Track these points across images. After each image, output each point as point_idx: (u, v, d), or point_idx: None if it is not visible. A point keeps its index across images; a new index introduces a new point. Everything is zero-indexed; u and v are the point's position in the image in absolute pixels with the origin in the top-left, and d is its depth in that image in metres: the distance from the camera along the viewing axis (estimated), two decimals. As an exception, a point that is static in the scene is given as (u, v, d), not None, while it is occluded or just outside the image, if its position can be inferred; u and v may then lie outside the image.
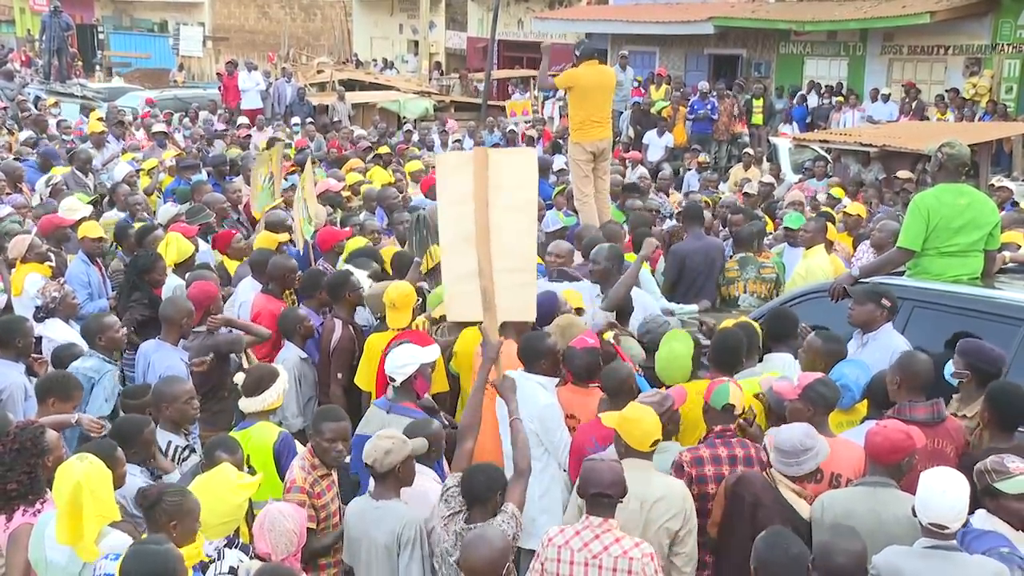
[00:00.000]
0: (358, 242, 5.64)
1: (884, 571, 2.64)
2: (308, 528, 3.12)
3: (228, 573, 2.72)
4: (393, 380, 3.66)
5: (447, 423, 3.93)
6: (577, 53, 6.86)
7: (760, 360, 3.99)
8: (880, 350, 3.68)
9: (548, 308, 4.25)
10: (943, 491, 2.62)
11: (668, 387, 3.71)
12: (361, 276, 4.81)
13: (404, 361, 3.66)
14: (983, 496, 2.77)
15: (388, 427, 3.54)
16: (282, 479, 3.42)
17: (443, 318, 4.46)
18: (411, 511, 3.10)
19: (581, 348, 3.71)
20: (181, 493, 2.71)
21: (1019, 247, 5.53)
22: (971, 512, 2.79)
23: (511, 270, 3.29)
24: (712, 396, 3.30)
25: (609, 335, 4.00)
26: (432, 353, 3.81)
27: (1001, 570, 2.58)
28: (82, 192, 7.17)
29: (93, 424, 3.48)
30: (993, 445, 3.16)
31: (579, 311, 4.38)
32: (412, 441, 3.13)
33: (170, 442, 3.58)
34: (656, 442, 3.13)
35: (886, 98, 14.06)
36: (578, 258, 5.46)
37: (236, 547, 2.83)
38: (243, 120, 12.22)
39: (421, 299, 4.62)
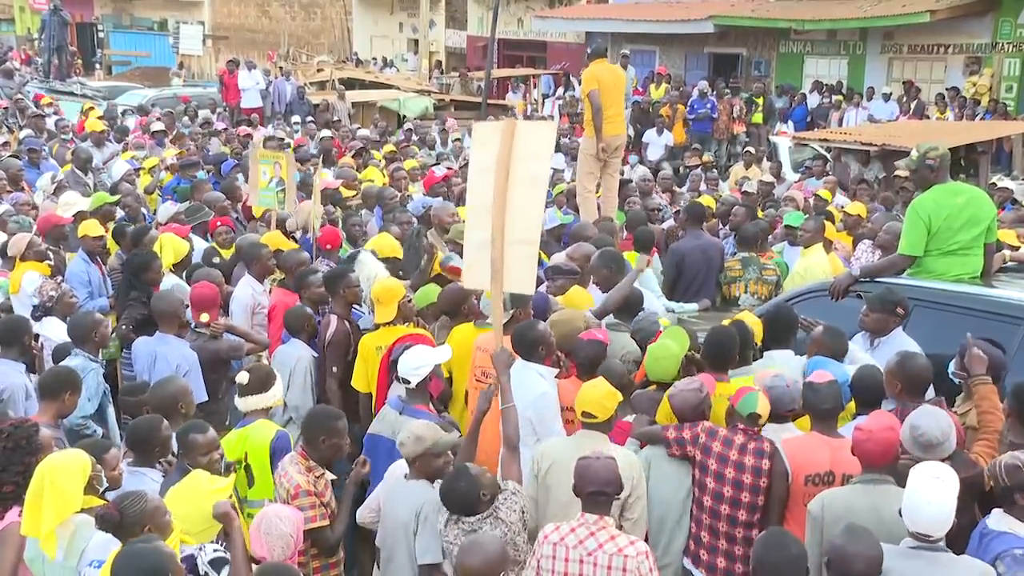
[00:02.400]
0: (385, 240, 5.62)
1: None
2: (321, 526, 3.14)
3: (210, 564, 2.74)
4: (408, 383, 3.64)
5: (452, 425, 3.91)
6: (589, 50, 6.95)
7: (760, 357, 3.99)
8: (892, 353, 3.62)
9: (542, 307, 4.26)
10: (928, 502, 2.58)
11: (654, 383, 3.72)
12: (379, 268, 4.78)
13: (418, 363, 3.64)
14: (1017, 491, 2.70)
15: (401, 428, 3.53)
16: (274, 477, 3.42)
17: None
18: (433, 492, 3.12)
19: (587, 340, 3.71)
20: (137, 498, 2.71)
21: (1017, 247, 5.54)
22: (986, 513, 2.78)
23: (519, 242, 3.28)
24: (740, 403, 3.27)
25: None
26: (444, 353, 3.79)
27: (987, 571, 2.57)
28: (80, 191, 7.16)
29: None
30: (1016, 439, 3.13)
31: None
32: (444, 436, 3.17)
33: None
34: (612, 417, 3.26)
35: (887, 97, 14.06)
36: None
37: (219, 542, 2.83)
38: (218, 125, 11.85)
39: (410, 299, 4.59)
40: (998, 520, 2.75)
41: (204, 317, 4.43)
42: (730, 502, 3.22)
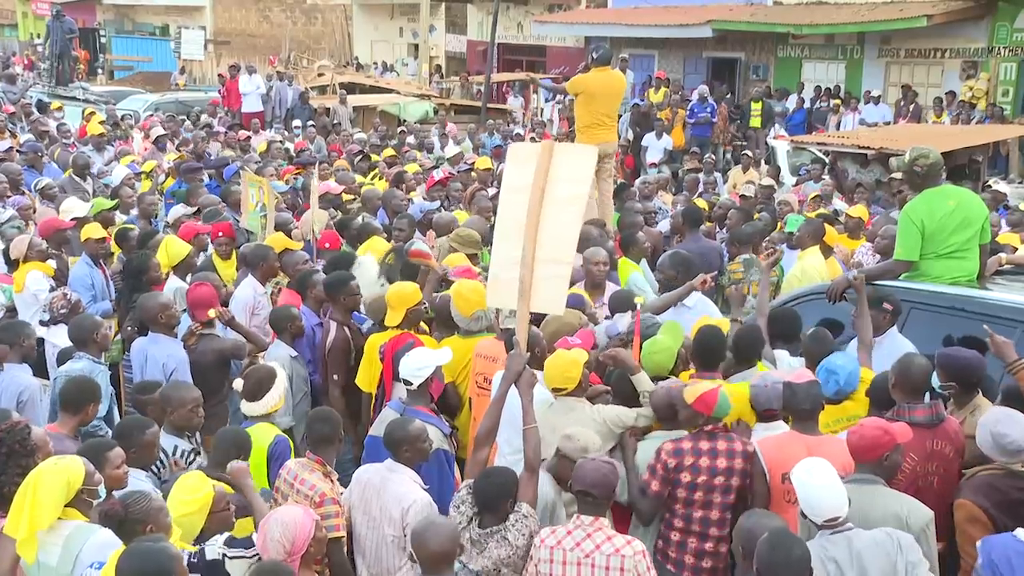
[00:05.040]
0: (377, 243, 5.64)
1: None
2: (339, 537, 3.13)
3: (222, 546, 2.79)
4: (409, 384, 3.64)
5: (451, 427, 3.92)
6: (594, 55, 6.95)
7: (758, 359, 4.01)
8: (886, 353, 3.70)
9: (577, 308, 4.30)
10: (823, 485, 2.71)
11: (654, 377, 3.73)
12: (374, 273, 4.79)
13: (420, 364, 3.64)
14: None
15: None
16: (270, 482, 3.46)
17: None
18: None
19: (562, 349, 3.72)
20: (142, 496, 2.73)
21: (1015, 249, 5.58)
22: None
23: (550, 261, 3.29)
24: (717, 409, 3.28)
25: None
26: (445, 355, 3.81)
27: (884, 540, 2.67)
28: (79, 197, 7.20)
29: None
30: None
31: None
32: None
33: (176, 446, 3.58)
34: (581, 383, 3.42)
35: (877, 100, 14.11)
36: (578, 260, 5.48)
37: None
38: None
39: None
40: None
41: (212, 312, 4.43)
42: (720, 507, 3.25)
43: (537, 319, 4.14)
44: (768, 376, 3.47)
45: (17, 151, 8.90)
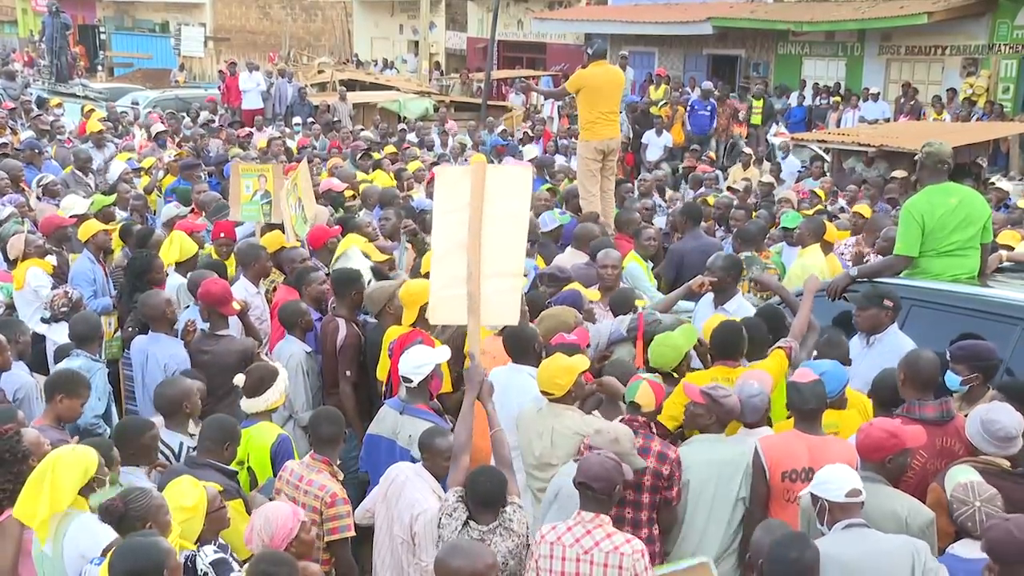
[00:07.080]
0: (355, 240, 5.67)
1: None
2: (347, 537, 3.14)
3: (211, 564, 2.77)
4: (409, 381, 3.65)
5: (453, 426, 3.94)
6: (589, 52, 6.95)
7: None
8: (886, 351, 3.70)
9: (579, 304, 4.33)
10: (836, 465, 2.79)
11: (657, 371, 3.75)
12: (364, 266, 4.84)
13: (420, 362, 3.65)
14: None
15: (401, 428, 3.61)
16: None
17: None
18: None
19: (557, 344, 3.75)
20: (142, 493, 2.74)
21: (1013, 248, 5.57)
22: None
23: (498, 275, 3.36)
24: (628, 388, 3.40)
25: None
26: (445, 353, 3.81)
27: (905, 545, 2.65)
28: (82, 192, 7.19)
29: None
30: None
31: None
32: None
33: (182, 443, 3.58)
34: (570, 391, 3.39)
35: (876, 97, 14.09)
36: (581, 257, 5.49)
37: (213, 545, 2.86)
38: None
39: None
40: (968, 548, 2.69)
41: (236, 305, 4.46)
42: (632, 505, 3.22)
43: (532, 315, 4.15)
44: (744, 389, 3.43)
45: (15, 149, 8.88)
